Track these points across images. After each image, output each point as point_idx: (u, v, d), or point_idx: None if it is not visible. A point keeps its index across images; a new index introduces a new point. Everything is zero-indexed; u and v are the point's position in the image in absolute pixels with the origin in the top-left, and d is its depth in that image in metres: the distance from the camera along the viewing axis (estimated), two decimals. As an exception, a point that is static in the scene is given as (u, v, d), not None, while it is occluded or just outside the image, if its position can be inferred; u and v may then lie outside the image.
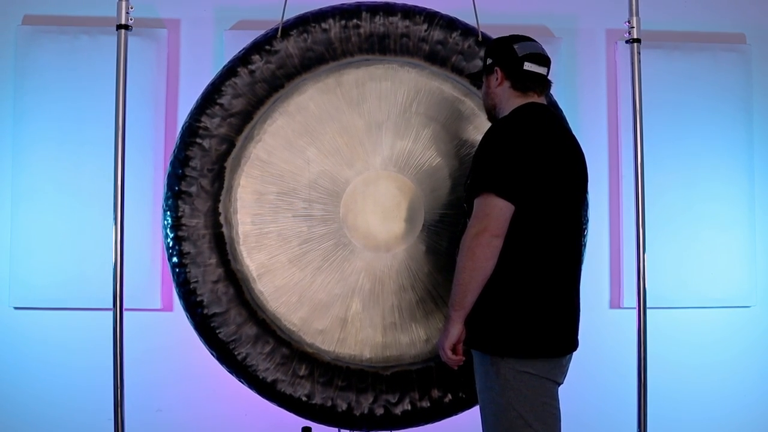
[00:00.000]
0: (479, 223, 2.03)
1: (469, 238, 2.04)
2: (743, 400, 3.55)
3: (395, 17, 2.60)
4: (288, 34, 2.58)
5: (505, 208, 2.03)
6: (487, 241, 2.02)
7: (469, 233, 2.04)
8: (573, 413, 3.49)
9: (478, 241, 2.03)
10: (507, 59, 2.25)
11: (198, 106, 2.54)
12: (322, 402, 2.46)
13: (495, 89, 2.27)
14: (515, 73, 2.23)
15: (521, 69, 2.22)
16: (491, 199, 2.04)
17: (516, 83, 2.23)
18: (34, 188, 3.32)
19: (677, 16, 3.60)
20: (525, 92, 2.23)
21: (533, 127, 2.13)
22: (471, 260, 2.03)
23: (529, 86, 2.24)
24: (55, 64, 3.34)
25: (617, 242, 3.51)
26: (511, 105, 2.22)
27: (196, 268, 2.48)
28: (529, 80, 2.23)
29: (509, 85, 2.24)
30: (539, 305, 2.09)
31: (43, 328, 3.34)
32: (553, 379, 2.13)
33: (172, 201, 2.49)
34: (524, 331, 2.08)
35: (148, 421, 3.29)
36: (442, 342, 2.12)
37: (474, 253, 2.03)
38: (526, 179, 2.06)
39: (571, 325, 2.17)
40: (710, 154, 3.52)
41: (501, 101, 2.26)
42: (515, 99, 2.23)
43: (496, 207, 2.03)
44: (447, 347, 2.11)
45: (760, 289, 3.55)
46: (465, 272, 2.05)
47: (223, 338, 2.46)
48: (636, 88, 2.70)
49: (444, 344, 2.11)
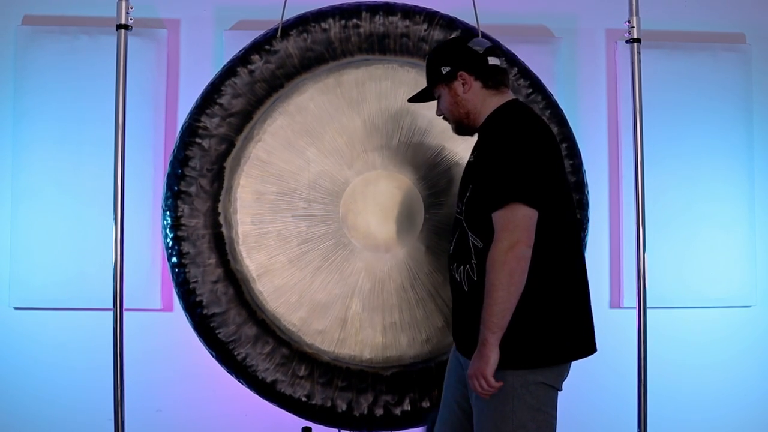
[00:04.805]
0: (510, 235, 1.90)
1: (502, 253, 1.90)
2: (743, 400, 3.55)
3: (395, 17, 2.60)
4: (288, 33, 2.58)
5: (534, 216, 1.93)
6: (522, 254, 1.90)
7: (500, 247, 1.90)
8: (573, 413, 3.49)
9: (513, 255, 1.89)
10: (469, 60, 2.13)
11: (197, 105, 2.54)
12: (322, 402, 2.46)
13: (464, 95, 2.14)
14: (483, 71, 2.13)
15: (487, 65, 2.13)
16: (519, 208, 1.91)
17: (487, 81, 2.13)
18: (34, 188, 3.31)
19: (677, 16, 3.60)
20: (498, 88, 2.14)
21: (537, 127, 2.04)
22: (508, 276, 1.89)
23: (500, 81, 2.15)
24: (55, 64, 3.34)
25: (617, 242, 3.51)
26: (490, 106, 2.13)
27: (196, 268, 2.48)
28: (498, 74, 2.14)
29: (480, 85, 2.13)
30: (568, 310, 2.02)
31: (43, 328, 3.33)
32: (558, 387, 2.07)
33: (171, 201, 2.50)
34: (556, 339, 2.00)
35: (148, 421, 3.29)
36: (483, 370, 1.92)
37: (511, 268, 1.89)
38: (546, 183, 1.97)
39: (592, 324, 2.11)
40: (710, 154, 3.52)
41: (476, 105, 2.14)
42: (491, 98, 2.13)
43: (526, 217, 1.92)
44: (489, 375, 1.92)
45: (760, 289, 3.55)
46: (501, 290, 1.90)
47: (222, 338, 2.46)
48: (636, 88, 2.70)
49: (486, 372, 1.92)
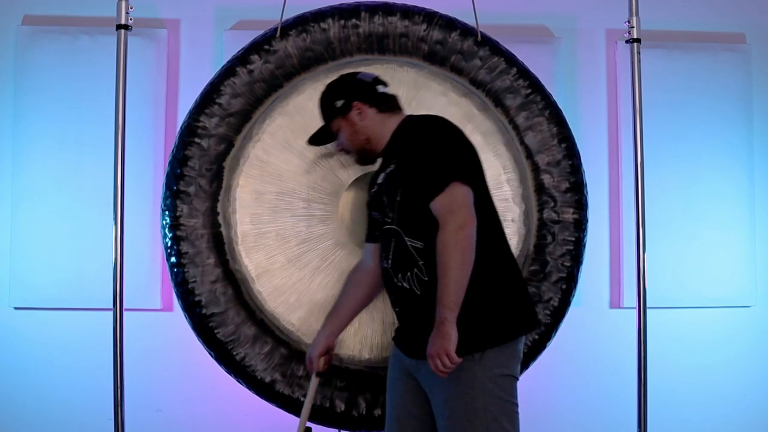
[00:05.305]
0: (456, 216, 1.98)
1: (453, 234, 1.97)
2: (743, 400, 3.54)
3: (394, 17, 2.60)
4: (287, 33, 2.58)
5: (471, 195, 2.03)
6: (471, 233, 1.98)
7: (450, 229, 1.97)
8: (573, 414, 3.50)
9: (464, 234, 1.97)
10: (360, 90, 2.25)
11: (197, 105, 2.55)
12: (321, 402, 2.46)
13: (362, 123, 2.23)
14: (375, 98, 2.24)
15: (377, 93, 2.25)
16: (458, 188, 2.01)
17: (381, 107, 2.24)
18: (34, 188, 3.32)
19: (677, 16, 3.60)
20: (392, 111, 2.26)
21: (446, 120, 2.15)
22: (461, 255, 1.97)
23: (393, 105, 2.27)
24: (55, 64, 3.34)
25: (617, 242, 3.51)
26: (389, 127, 2.22)
27: (195, 267, 2.48)
28: (389, 100, 2.27)
29: (376, 111, 2.24)
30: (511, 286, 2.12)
31: (43, 328, 3.34)
32: (518, 377, 2.14)
33: (170, 201, 2.50)
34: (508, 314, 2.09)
35: (148, 421, 3.29)
36: (446, 347, 1.95)
37: (463, 247, 1.97)
38: (473, 163, 2.10)
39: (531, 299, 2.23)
40: (710, 154, 3.52)
41: (375, 130, 2.23)
42: (389, 120, 2.23)
43: (466, 196, 2.01)
44: (453, 351, 1.95)
45: (760, 289, 3.55)
46: (456, 269, 1.97)
47: (221, 338, 2.46)
48: (636, 88, 2.70)
49: (449, 349, 1.95)
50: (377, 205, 2.22)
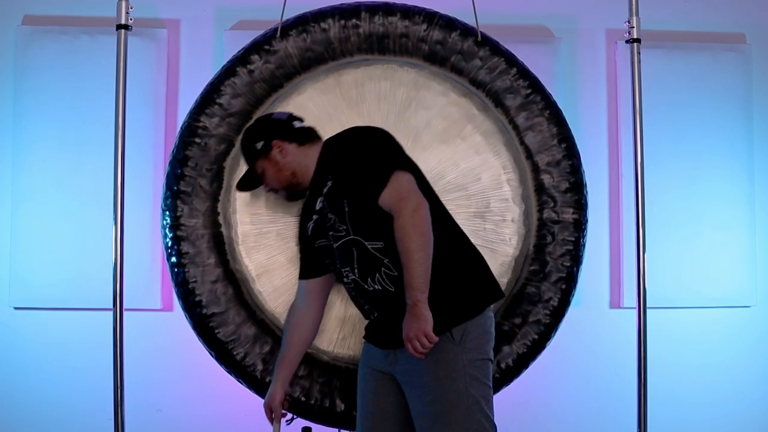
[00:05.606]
0: (408, 202, 2.05)
1: (410, 218, 2.02)
2: (743, 400, 3.55)
3: (394, 17, 2.60)
4: (287, 34, 2.58)
5: (413, 180, 2.10)
6: (426, 214, 2.04)
7: (406, 214, 2.03)
8: (573, 413, 3.50)
9: (420, 216, 2.03)
10: (277, 129, 2.31)
11: (197, 105, 2.54)
12: (321, 402, 2.46)
13: (285, 160, 2.29)
14: (293, 133, 2.31)
15: (294, 128, 2.32)
16: (401, 175, 2.09)
17: (301, 140, 2.31)
18: (34, 188, 3.32)
19: (677, 16, 3.60)
20: (312, 142, 2.32)
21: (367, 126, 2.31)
22: (421, 236, 2.02)
23: (312, 136, 2.34)
24: (55, 64, 3.35)
25: (617, 242, 3.51)
26: (313, 156, 2.29)
27: (195, 267, 2.48)
28: (307, 132, 2.34)
29: (296, 145, 2.30)
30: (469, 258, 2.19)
31: (43, 328, 3.34)
32: (493, 360, 2.20)
33: (170, 201, 2.50)
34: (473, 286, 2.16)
35: (148, 421, 3.29)
36: (424, 328, 1.97)
37: (422, 229, 2.03)
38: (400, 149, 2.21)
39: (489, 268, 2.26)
40: (710, 154, 3.52)
41: (299, 163, 2.29)
42: (310, 150, 2.30)
43: (410, 181, 2.09)
44: (430, 330, 1.98)
45: (760, 289, 3.55)
46: (419, 250, 2.01)
47: (221, 338, 2.46)
48: (636, 88, 2.70)
49: (427, 329, 1.97)
50: (322, 229, 2.24)
